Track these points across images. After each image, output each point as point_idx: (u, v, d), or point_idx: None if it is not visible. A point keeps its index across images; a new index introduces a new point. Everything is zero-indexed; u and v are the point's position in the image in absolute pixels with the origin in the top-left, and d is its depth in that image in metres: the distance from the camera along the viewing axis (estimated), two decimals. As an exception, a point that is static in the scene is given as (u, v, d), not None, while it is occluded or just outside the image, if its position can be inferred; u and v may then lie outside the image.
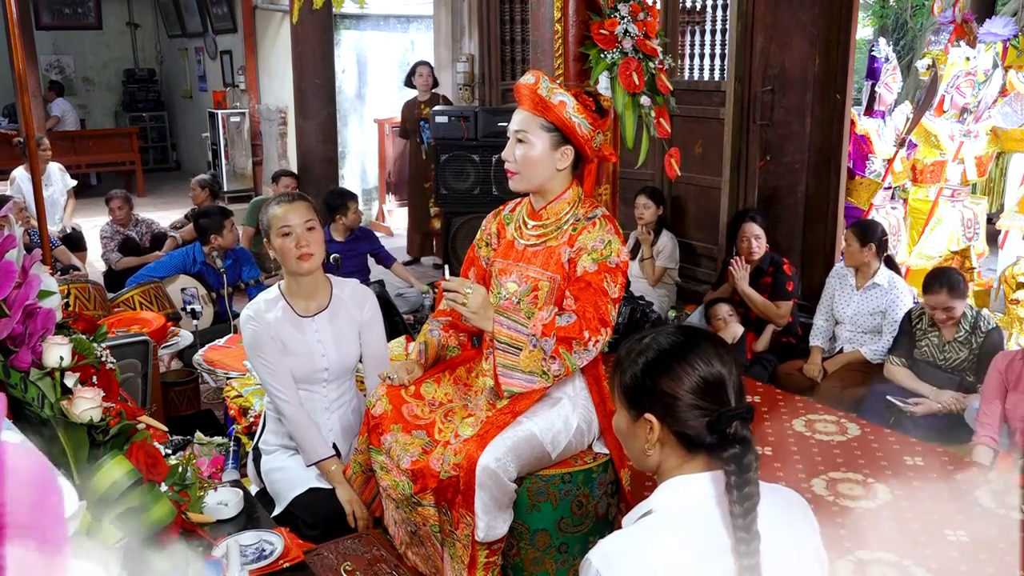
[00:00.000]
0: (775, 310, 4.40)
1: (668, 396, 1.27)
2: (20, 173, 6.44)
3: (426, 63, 6.62)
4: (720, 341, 1.35)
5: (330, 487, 2.59)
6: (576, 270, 2.30)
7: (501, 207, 2.61)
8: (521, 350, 2.20)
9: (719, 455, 1.24)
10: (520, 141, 2.35)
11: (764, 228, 4.52)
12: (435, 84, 6.60)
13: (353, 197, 5.48)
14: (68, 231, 6.38)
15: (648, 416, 1.29)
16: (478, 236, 2.62)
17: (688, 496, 1.26)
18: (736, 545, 1.19)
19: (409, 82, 6.59)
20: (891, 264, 4.24)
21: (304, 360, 2.61)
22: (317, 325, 2.63)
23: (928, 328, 3.79)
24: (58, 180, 6.62)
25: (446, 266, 2.43)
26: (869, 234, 4.12)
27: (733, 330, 4.39)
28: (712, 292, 4.75)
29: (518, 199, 2.55)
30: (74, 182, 6.84)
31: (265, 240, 2.63)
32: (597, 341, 2.24)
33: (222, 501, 2.14)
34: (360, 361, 2.77)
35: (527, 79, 2.35)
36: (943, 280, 3.63)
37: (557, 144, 2.34)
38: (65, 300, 3.33)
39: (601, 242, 2.29)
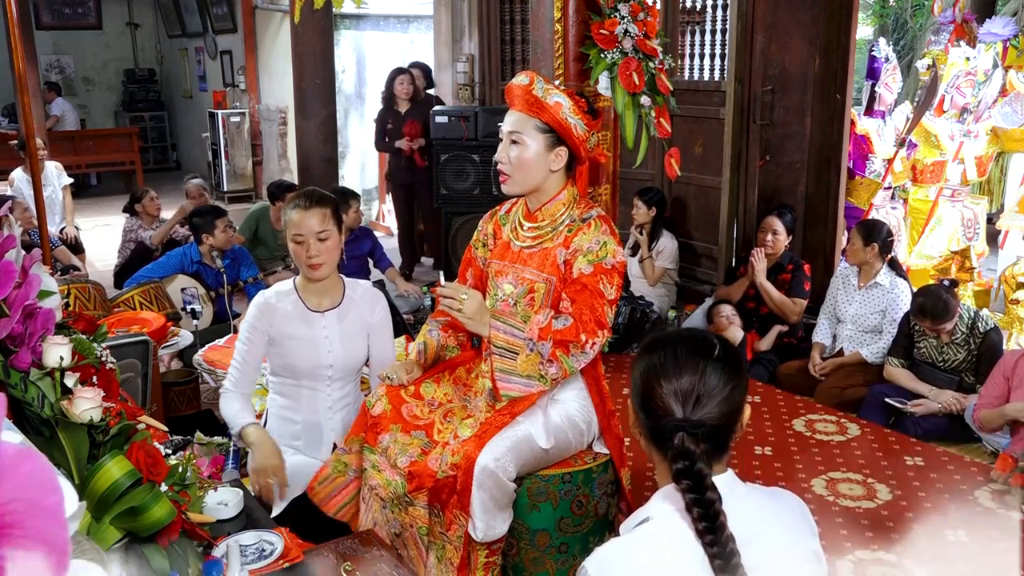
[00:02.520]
0: (791, 306, 4.42)
1: (643, 386, 1.29)
2: (19, 174, 6.43)
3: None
4: (696, 348, 1.29)
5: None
6: (572, 272, 2.30)
7: (497, 207, 2.61)
8: (518, 354, 2.19)
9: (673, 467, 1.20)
10: (514, 142, 2.33)
11: (790, 227, 4.58)
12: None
13: (355, 196, 5.48)
14: (71, 241, 6.35)
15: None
16: (475, 237, 2.62)
17: (684, 503, 1.25)
18: (712, 561, 1.15)
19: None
20: (895, 266, 4.24)
21: (310, 355, 2.61)
22: (326, 321, 2.64)
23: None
24: (54, 179, 6.61)
25: (441, 272, 2.43)
26: (873, 234, 4.12)
27: (733, 334, 4.39)
28: (724, 287, 4.76)
29: (514, 199, 2.55)
30: (69, 180, 6.82)
31: (284, 233, 2.64)
32: (594, 343, 2.23)
33: (222, 501, 2.14)
34: (366, 364, 2.78)
35: (520, 80, 2.33)
36: (925, 310, 3.65)
37: (552, 145, 2.33)
38: (65, 300, 3.32)
39: (597, 243, 2.29)
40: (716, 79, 5.33)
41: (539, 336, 2.20)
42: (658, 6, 4.26)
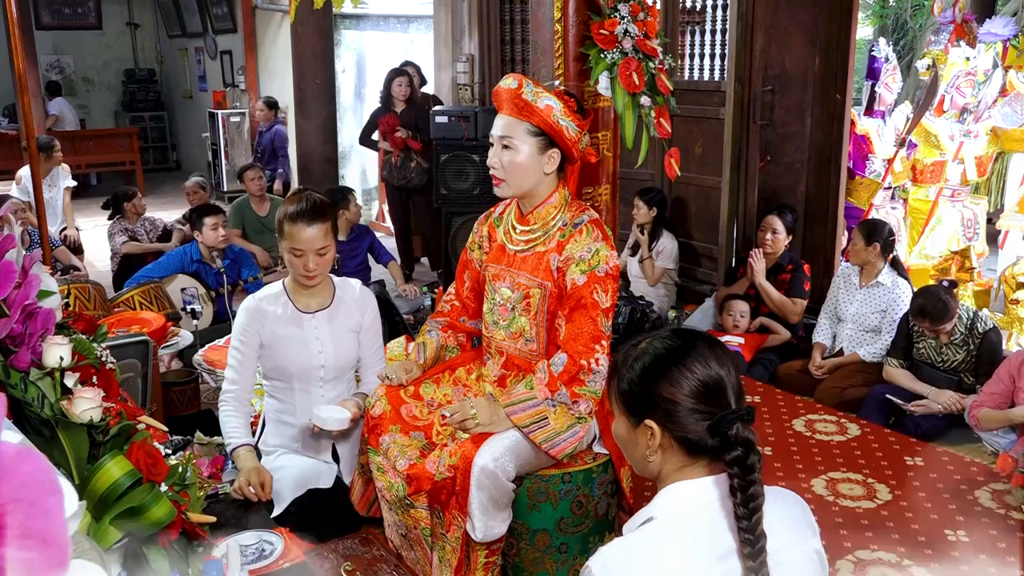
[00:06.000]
0: (791, 306, 4.42)
1: (667, 402, 1.26)
2: (26, 172, 6.42)
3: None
4: (717, 343, 1.34)
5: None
6: (565, 281, 2.29)
7: (492, 209, 2.61)
8: (547, 418, 2.22)
9: (722, 458, 1.23)
10: (505, 147, 2.32)
11: (791, 227, 4.58)
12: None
13: (351, 191, 5.54)
14: (72, 243, 6.35)
15: (649, 423, 1.28)
16: (470, 240, 2.62)
17: (690, 501, 1.26)
18: (742, 547, 1.18)
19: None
20: (897, 266, 4.24)
21: (301, 357, 2.61)
22: (316, 322, 2.64)
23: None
24: (60, 180, 6.62)
25: (442, 411, 2.41)
26: (875, 234, 4.13)
27: (783, 336, 4.43)
28: (725, 288, 4.76)
29: (507, 201, 2.55)
30: (74, 183, 6.82)
31: (277, 234, 2.62)
32: (597, 359, 2.24)
33: (331, 416, 2.49)
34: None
35: (509, 83, 2.31)
36: (924, 311, 3.65)
37: (544, 148, 2.32)
38: (65, 300, 3.32)
39: (588, 251, 2.28)
40: (716, 79, 5.33)
41: (551, 390, 2.22)
42: (658, 6, 4.26)
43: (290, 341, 2.61)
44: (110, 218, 5.99)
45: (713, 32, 5.33)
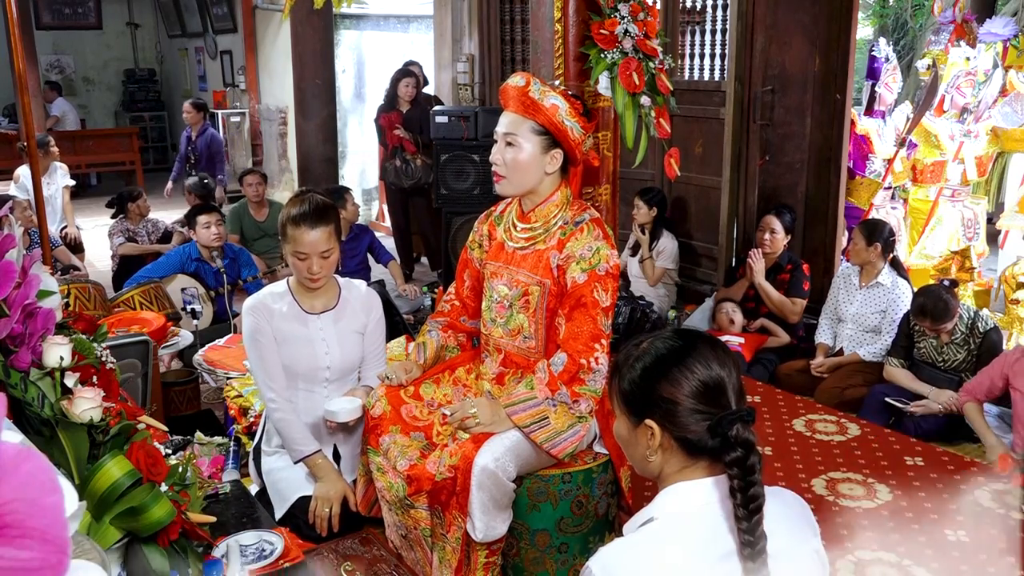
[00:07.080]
0: (790, 306, 4.42)
1: (668, 402, 1.26)
2: (25, 171, 6.43)
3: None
4: (718, 343, 1.34)
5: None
6: (565, 279, 2.29)
7: (492, 208, 2.61)
8: (548, 418, 2.22)
9: (722, 459, 1.23)
10: (509, 144, 2.32)
11: (790, 227, 4.58)
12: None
13: (348, 191, 5.54)
14: (73, 241, 6.34)
15: (649, 422, 1.28)
16: (470, 238, 2.62)
17: (690, 502, 1.26)
18: (742, 548, 1.18)
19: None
20: (897, 266, 4.24)
21: (307, 357, 2.61)
22: (322, 323, 2.63)
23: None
24: (58, 179, 6.63)
25: (443, 410, 2.41)
26: (876, 234, 4.13)
27: (783, 337, 4.44)
28: (724, 289, 4.76)
29: (508, 200, 2.54)
30: (72, 182, 6.82)
31: (280, 237, 2.60)
32: (597, 357, 2.24)
33: (343, 408, 2.49)
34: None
35: (516, 81, 2.32)
36: (925, 311, 3.66)
37: (547, 148, 2.32)
38: (65, 300, 3.32)
39: (589, 250, 2.28)
40: (716, 79, 5.33)
41: (551, 390, 2.22)
42: (658, 6, 4.26)
43: (297, 341, 2.60)
44: (113, 216, 5.98)
45: (713, 32, 5.33)
